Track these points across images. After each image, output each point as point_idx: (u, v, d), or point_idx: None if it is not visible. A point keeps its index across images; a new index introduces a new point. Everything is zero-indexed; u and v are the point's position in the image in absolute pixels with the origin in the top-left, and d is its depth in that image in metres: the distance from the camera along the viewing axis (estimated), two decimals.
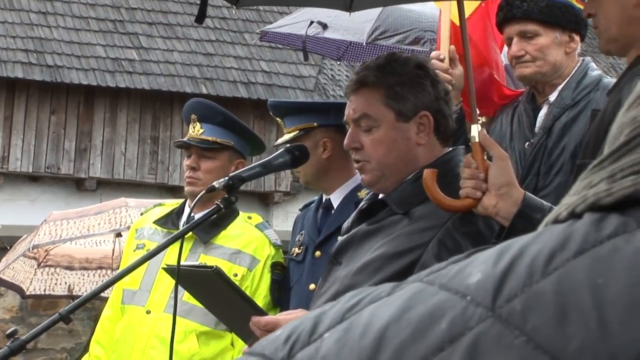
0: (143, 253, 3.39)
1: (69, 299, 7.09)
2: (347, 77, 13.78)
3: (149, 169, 13.38)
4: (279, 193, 13.77)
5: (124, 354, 3.58)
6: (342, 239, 2.58)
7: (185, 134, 3.87)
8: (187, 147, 3.75)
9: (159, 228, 3.72)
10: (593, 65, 3.50)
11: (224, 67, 13.73)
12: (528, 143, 3.40)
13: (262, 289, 3.58)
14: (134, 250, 3.72)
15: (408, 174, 2.49)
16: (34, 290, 7.20)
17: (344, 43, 5.29)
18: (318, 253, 3.39)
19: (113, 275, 2.78)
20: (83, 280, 7.23)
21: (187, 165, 3.73)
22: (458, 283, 0.64)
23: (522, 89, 3.66)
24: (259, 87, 13.60)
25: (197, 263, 3.36)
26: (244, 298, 2.72)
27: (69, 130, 13.12)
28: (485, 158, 2.36)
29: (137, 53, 13.48)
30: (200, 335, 3.53)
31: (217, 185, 2.70)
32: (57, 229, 6.72)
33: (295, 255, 3.50)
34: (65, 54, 13.04)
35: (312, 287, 3.27)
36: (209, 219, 2.83)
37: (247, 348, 2.65)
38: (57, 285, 7.22)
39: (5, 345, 2.31)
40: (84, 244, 7.36)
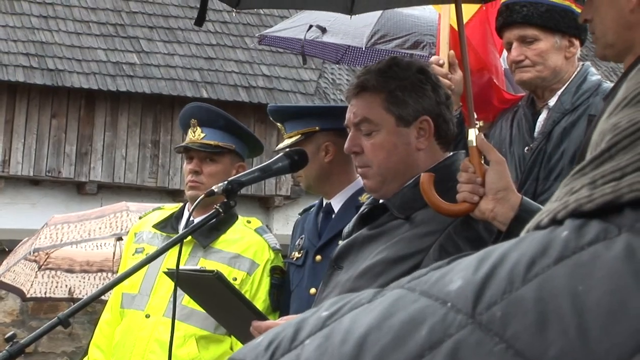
0: (142, 257, 3.39)
1: (70, 302, 7.10)
2: (347, 81, 13.77)
3: (150, 173, 13.37)
4: (280, 197, 13.76)
5: (124, 358, 3.57)
6: (342, 244, 2.57)
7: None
8: (188, 151, 3.75)
9: (158, 232, 3.72)
10: (593, 70, 3.50)
11: (225, 71, 13.72)
12: (527, 148, 3.39)
13: (261, 293, 3.58)
14: (133, 254, 3.71)
15: (408, 179, 2.48)
16: (35, 293, 7.19)
17: (343, 47, 5.28)
18: (319, 257, 3.39)
19: (112, 279, 2.78)
20: (84, 283, 7.23)
21: (189, 170, 3.71)
22: (439, 290, 0.64)
23: (521, 94, 3.65)
24: (260, 91, 13.59)
25: (197, 267, 3.36)
26: (245, 302, 2.72)
27: (70, 134, 13.11)
28: (483, 162, 2.36)
29: (138, 57, 13.48)
30: (200, 340, 3.53)
31: (216, 190, 2.70)
32: (58, 233, 6.71)
33: (295, 260, 3.49)
34: (67, 58, 13.03)
35: (312, 291, 3.27)
36: (208, 223, 2.83)
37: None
38: (57, 288, 7.22)
39: (4, 350, 2.31)
40: (85, 247, 7.36)
